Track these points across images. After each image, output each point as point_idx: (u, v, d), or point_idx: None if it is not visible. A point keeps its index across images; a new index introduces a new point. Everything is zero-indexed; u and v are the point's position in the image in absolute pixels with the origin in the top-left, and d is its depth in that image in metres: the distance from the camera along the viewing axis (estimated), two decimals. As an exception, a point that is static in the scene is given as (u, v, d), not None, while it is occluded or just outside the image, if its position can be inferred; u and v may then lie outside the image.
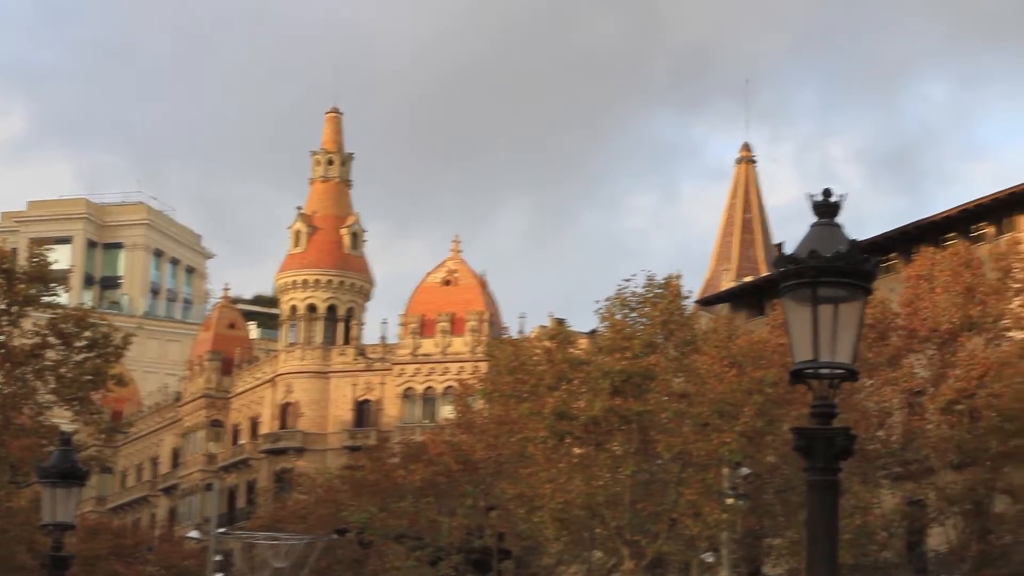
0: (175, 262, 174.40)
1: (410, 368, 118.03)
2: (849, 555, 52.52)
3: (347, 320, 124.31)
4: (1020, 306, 57.74)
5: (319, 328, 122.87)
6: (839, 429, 14.36)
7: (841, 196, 14.49)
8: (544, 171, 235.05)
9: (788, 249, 14.57)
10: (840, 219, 14.46)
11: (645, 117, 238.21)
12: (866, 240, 70.38)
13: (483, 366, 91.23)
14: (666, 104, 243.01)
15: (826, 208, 14.46)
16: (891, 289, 61.11)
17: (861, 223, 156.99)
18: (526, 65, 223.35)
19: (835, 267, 14.11)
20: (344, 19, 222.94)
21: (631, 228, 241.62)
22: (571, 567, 64.62)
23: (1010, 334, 57.57)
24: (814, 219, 14.51)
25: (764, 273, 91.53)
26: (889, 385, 57.97)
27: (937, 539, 60.65)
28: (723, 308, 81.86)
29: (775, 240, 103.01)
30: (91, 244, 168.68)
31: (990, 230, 70.31)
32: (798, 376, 14.32)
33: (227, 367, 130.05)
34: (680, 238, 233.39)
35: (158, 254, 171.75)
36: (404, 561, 62.78)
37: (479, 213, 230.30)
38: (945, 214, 72.18)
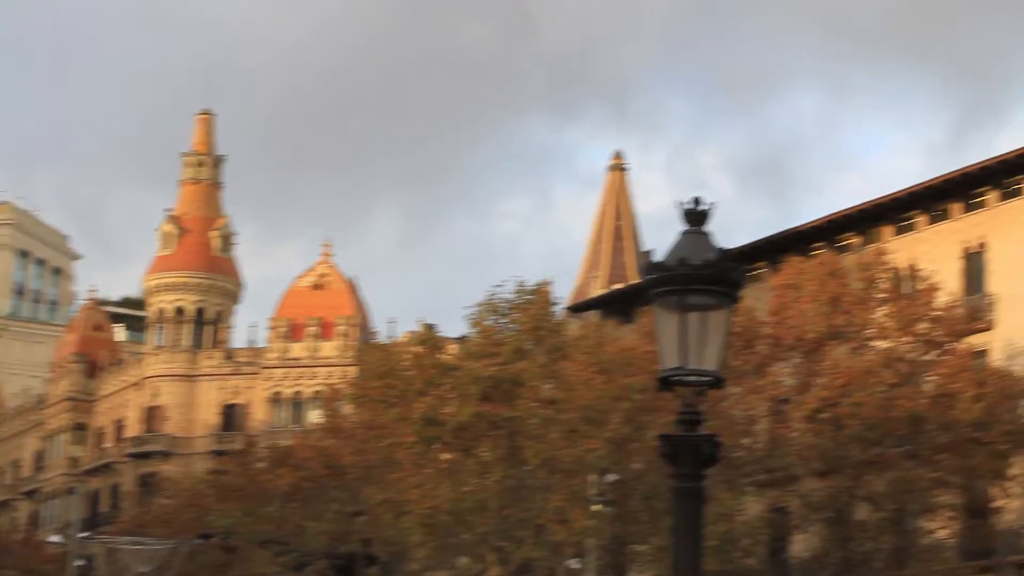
0: (41, 263, 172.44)
1: (278, 372, 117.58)
2: (714, 561, 52.77)
3: (215, 323, 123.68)
4: (884, 316, 58.39)
5: (187, 331, 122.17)
6: (705, 436, 14.39)
7: (710, 204, 14.54)
8: (417, 175, 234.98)
9: (657, 257, 14.63)
10: (709, 227, 14.50)
11: (518, 122, 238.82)
12: (734, 249, 71.21)
13: (352, 371, 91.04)
14: (540, 110, 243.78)
15: (695, 216, 14.49)
16: (758, 298, 61.42)
17: (730, 231, 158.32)
18: (400, 68, 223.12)
19: (703, 275, 14.13)
20: (216, 20, 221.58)
21: (503, 233, 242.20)
22: (437, 573, 64.59)
23: (874, 343, 58.17)
24: (683, 227, 14.55)
25: (634, 280, 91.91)
26: (755, 393, 58.37)
27: (800, 546, 61.21)
28: (593, 315, 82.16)
29: (645, 248, 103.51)
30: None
31: (856, 240, 71.08)
32: (665, 383, 14.35)
33: (92, 369, 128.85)
34: (552, 244, 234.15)
35: (23, 254, 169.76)
36: (269, 566, 62.55)
37: (351, 217, 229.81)
38: (812, 224, 72.87)
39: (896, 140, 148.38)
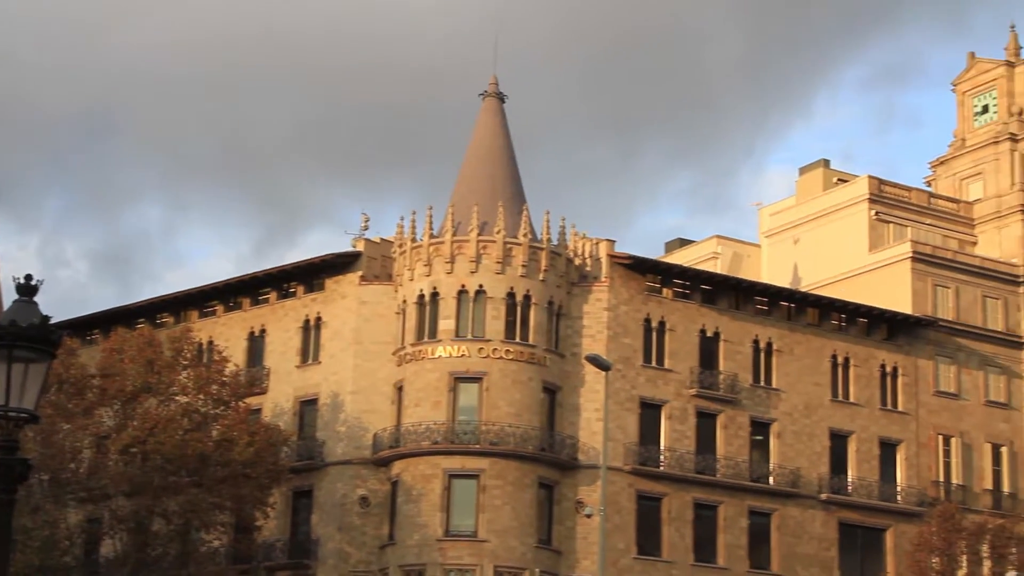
0: None
1: None
2: (37, 558, 51.03)
3: None
4: (186, 378, 58.27)
5: None
6: (19, 459, 14.15)
7: (39, 281, 14.37)
8: None
9: (-6, 319, 14.29)
10: (37, 298, 14.38)
11: None
12: (75, 318, 69.58)
13: None
14: None
15: (26, 289, 14.32)
16: (92, 356, 60.56)
17: (85, 305, 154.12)
18: None
19: (27, 334, 13.95)
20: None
21: None
22: None
23: (177, 398, 57.93)
24: (17, 296, 14.35)
25: None
26: (82, 429, 57.03)
27: (108, 548, 60.14)
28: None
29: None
30: None
31: (170, 319, 70.68)
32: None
33: None
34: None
35: None
36: None
37: None
38: (137, 304, 71.99)
39: (217, 248, 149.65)
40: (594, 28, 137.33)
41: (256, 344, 68.07)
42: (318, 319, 66.33)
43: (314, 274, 67.16)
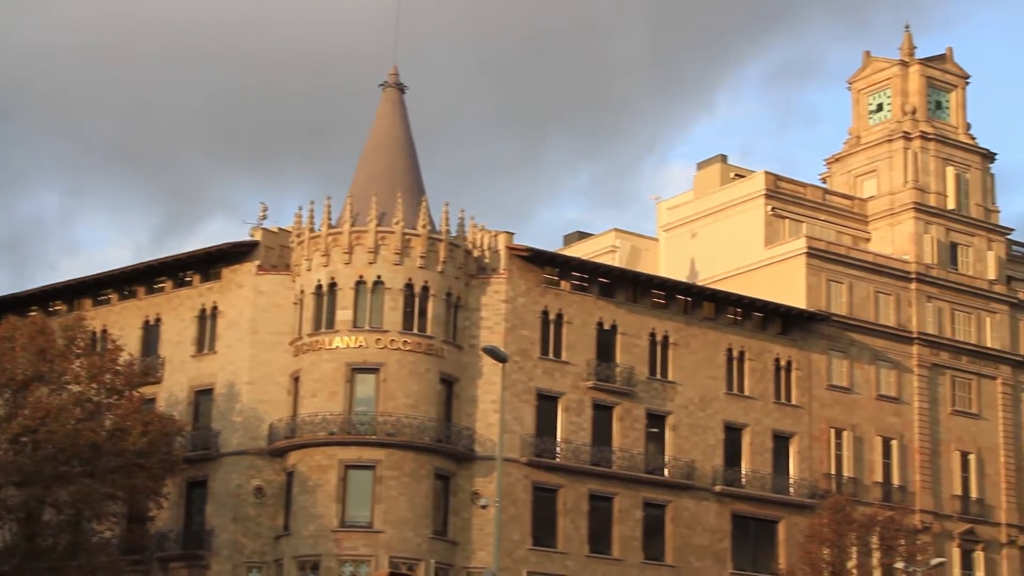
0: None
1: None
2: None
3: None
4: (79, 366, 57.81)
5: None
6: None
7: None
8: None
9: None
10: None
11: None
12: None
13: None
14: None
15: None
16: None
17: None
18: None
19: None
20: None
21: None
22: None
23: (70, 387, 57.44)
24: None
25: None
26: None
27: (-3, 539, 59.37)
28: None
29: None
30: None
31: (63, 308, 69.99)
32: None
33: None
34: None
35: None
36: None
37: None
38: (29, 291, 71.15)
39: (114, 235, 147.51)
40: (498, 20, 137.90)
41: (151, 333, 67.67)
42: (214, 308, 66.08)
43: (211, 263, 66.88)
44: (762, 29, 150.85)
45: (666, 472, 67.12)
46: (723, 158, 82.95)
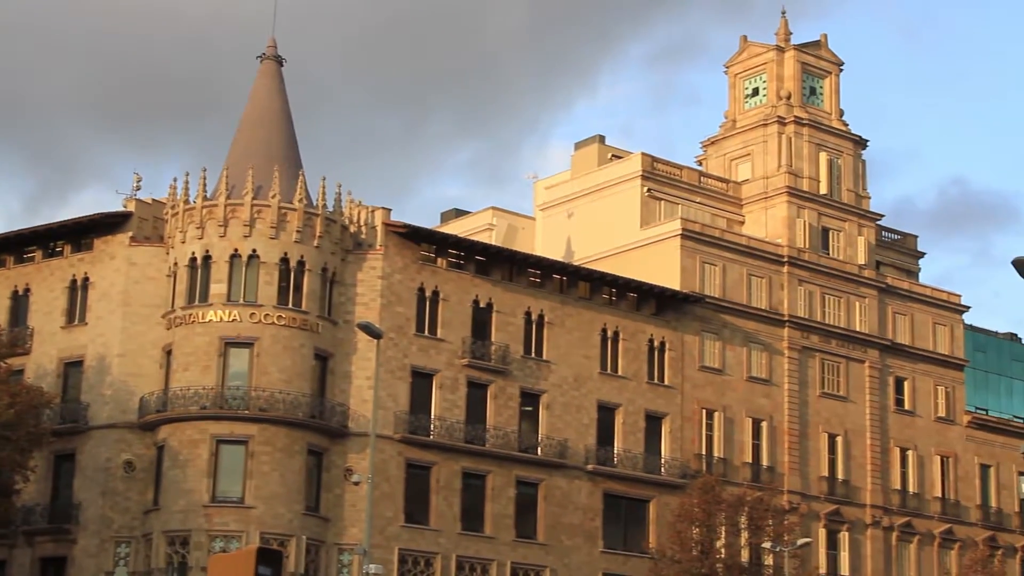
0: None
1: None
2: None
3: None
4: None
5: None
6: None
7: None
8: None
9: None
10: None
11: None
12: None
13: None
14: None
15: None
16: None
17: None
18: None
19: None
20: None
21: None
22: None
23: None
24: None
25: None
26: None
27: None
28: None
29: None
30: None
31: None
32: None
33: None
34: None
35: None
36: None
37: None
38: None
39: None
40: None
41: (20, 303, 66.84)
42: (85, 279, 65.45)
43: (82, 233, 66.21)
44: (645, 8, 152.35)
45: (539, 451, 67.89)
46: (601, 138, 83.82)
